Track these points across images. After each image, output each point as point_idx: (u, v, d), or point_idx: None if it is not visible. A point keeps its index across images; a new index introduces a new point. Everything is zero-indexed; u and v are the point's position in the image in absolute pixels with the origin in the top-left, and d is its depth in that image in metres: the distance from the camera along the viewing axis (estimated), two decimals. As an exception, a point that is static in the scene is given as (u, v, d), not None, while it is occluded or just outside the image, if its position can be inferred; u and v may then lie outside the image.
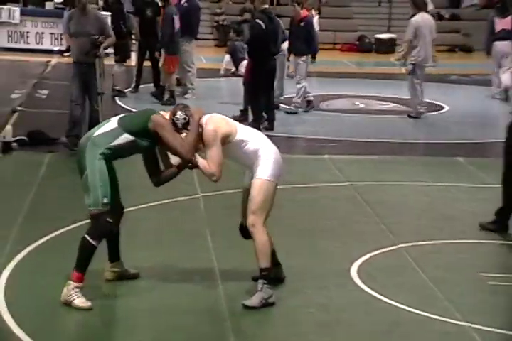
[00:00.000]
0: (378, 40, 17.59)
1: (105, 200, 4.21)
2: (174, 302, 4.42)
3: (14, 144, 7.72)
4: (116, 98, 10.84)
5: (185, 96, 11.11)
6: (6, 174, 7.27)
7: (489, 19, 11.61)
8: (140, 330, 4.14)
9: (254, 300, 4.30)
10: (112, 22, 11.56)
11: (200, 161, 4.34)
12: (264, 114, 9.35)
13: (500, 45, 11.27)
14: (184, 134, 4.28)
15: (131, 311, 4.33)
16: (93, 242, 4.21)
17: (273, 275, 4.52)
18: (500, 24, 11.34)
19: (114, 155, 4.28)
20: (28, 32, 15.15)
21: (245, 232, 4.56)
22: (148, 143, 4.30)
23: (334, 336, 4.15)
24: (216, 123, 4.35)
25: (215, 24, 18.11)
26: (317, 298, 4.55)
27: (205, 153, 4.34)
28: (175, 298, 4.46)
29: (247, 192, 4.50)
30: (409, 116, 10.38)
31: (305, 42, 9.89)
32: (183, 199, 6.38)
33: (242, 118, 9.64)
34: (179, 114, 4.29)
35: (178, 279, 4.70)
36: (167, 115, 4.36)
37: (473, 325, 4.23)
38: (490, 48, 11.40)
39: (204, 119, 4.35)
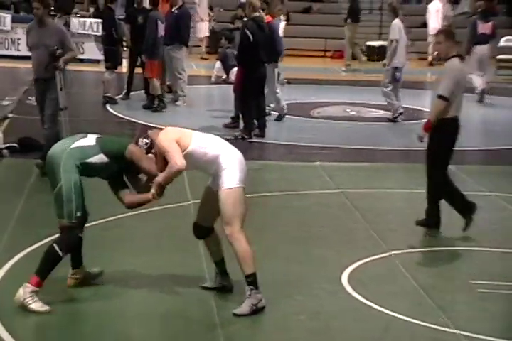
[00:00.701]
0: (369, 47, 17.66)
1: (78, 214, 4.25)
2: (165, 309, 4.41)
3: (5, 151, 7.70)
4: (107, 105, 10.84)
5: (177, 103, 11.12)
6: (-4, 181, 7.26)
7: (472, 22, 11.96)
8: (131, 337, 4.12)
9: (243, 308, 4.31)
10: (104, 29, 11.59)
11: (163, 175, 4.30)
12: (255, 121, 9.37)
13: (479, 49, 11.70)
14: (150, 155, 4.38)
15: (121, 317, 4.31)
16: (60, 253, 4.24)
17: (221, 283, 4.58)
18: (482, 28, 11.70)
19: (84, 171, 4.32)
20: (19, 39, 15.12)
21: (198, 231, 4.61)
22: (117, 168, 4.40)
23: (326, 343, 4.16)
24: (165, 133, 4.40)
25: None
26: (308, 305, 4.55)
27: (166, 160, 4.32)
28: (166, 305, 4.45)
29: (207, 190, 4.52)
30: (390, 120, 10.47)
31: (269, 49, 9.71)
32: (175, 206, 6.37)
33: (233, 125, 9.69)
34: (141, 140, 4.40)
35: (168, 286, 4.68)
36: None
37: (463, 333, 4.23)
38: (470, 50, 11.74)
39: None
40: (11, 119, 9.48)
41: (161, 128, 4.55)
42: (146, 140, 4.39)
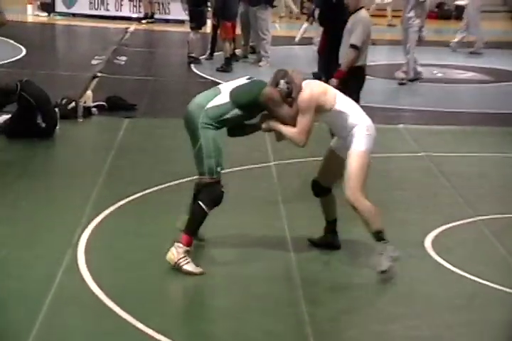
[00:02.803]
0: (458, 7, 17.02)
1: (219, 169, 4.30)
2: (248, 269, 4.45)
3: (94, 109, 7.87)
4: (192, 65, 10.90)
5: (260, 63, 11.07)
6: (86, 138, 7.45)
7: None
8: (216, 296, 4.21)
9: (384, 263, 4.31)
10: (188, -11, 11.59)
11: (284, 129, 4.36)
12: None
13: None
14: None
15: (206, 277, 4.37)
16: (206, 209, 4.29)
17: (330, 241, 4.65)
18: None
19: (222, 126, 4.36)
20: (108, -1, 15.36)
21: (317, 189, 4.65)
22: (253, 117, 4.42)
23: (409, 307, 4.12)
24: (312, 90, 4.35)
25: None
26: (392, 269, 4.50)
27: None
28: (249, 266, 4.49)
29: (331, 152, 4.55)
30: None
31: None
32: (256, 166, 6.39)
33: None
34: (282, 83, 4.33)
35: (251, 247, 4.72)
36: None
37: (553, 301, 4.12)
38: None
39: (303, 84, 4.37)
40: (99, 78, 9.66)
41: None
42: (287, 84, 4.30)
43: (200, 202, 4.30)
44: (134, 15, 15.31)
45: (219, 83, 9.95)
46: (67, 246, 4.61)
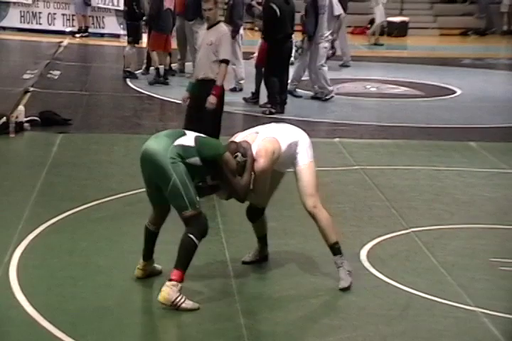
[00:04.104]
0: (390, 23, 17.45)
1: (198, 198, 4.26)
2: (187, 283, 4.40)
3: (26, 124, 7.73)
4: (128, 80, 10.83)
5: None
6: (18, 154, 7.31)
7: None
8: (151, 311, 4.16)
9: (345, 279, 4.39)
10: (125, 3, 11.53)
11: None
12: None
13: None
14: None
15: (140, 294, 4.34)
16: (196, 241, 4.21)
17: (263, 254, 4.72)
18: None
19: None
20: (40, 12, 15.13)
21: (253, 215, 4.69)
22: (205, 175, 4.38)
23: (345, 319, 4.16)
24: (266, 158, 4.40)
25: (226, 6, 17.97)
26: (327, 281, 4.55)
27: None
28: (188, 279, 4.44)
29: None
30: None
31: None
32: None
33: (252, 101, 9.66)
34: (239, 157, 4.38)
35: (191, 265, 4.67)
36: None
37: (483, 310, 4.22)
38: None
39: (254, 151, 4.40)
40: (32, 93, 9.50)
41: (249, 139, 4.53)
42: (244, 158, 4.36)
43: (191, 236, 4.21)
44: (68, 29, 15.13)
45: (155, 97, 10.06)
46: (-2, 264, 4.50)
